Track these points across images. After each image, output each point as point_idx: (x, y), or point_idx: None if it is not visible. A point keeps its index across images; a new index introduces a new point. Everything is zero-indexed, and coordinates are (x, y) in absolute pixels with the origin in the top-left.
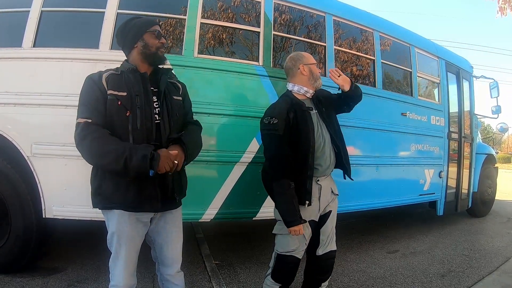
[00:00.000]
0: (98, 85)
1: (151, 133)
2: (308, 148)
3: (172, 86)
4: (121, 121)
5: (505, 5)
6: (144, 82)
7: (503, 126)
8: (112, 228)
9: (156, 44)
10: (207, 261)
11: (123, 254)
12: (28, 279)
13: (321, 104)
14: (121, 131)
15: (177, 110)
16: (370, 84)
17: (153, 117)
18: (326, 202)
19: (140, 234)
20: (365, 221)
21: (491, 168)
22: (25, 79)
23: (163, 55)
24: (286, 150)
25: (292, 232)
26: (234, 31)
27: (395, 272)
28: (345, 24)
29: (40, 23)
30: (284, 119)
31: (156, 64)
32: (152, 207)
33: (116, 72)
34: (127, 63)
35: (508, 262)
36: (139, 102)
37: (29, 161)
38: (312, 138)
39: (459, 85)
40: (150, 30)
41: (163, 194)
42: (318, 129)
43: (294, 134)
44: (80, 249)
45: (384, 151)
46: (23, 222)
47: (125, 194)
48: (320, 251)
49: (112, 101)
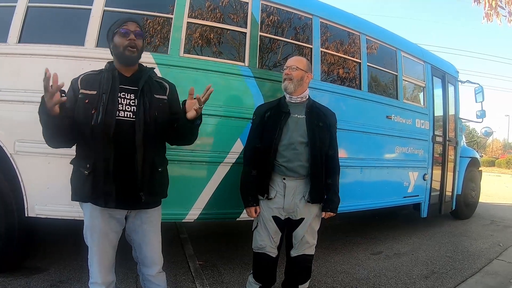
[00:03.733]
0: (74, 86)
1: (109, 128)
2: (270, 144)
3: (156, 85)
4: (86, 118)
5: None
6: (114, 81)
7: (488, 130)
8: (85, 221)
9: (123, 43)
10: (190, 261)
11: (95, 248)
12: (11, 279)
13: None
14: (84, 127)
15: (157, 108)
16: (355, 86)
17: (115, 113)
18: (294, 205)
19: (114, 230)
20: (349, 223)
21: (475, 171)
22: (9, 75)
23: (132, 54)
24: (256, 143)
25: (247, 212)
26: (221, 31)
27: (378, 274)
28: (332, 27)
29: (26, 19)
30: (260, 116)
31: (128, 64)
32: (106, 203)
33: (95, 72)
34: (110, 64)
35: (491, 263)
36: (104, 100)
37: (12, 158)
38: (275, 136)
39: (445, 89)
40: (119, 29)
41: (122, 191)
42: (288, 130)
43: (264, 130)
44: (63, 249)
45: (369, 153)
46: (5, 221)
47: (83, 188)
48: (293, 252)
49: (81, 99)
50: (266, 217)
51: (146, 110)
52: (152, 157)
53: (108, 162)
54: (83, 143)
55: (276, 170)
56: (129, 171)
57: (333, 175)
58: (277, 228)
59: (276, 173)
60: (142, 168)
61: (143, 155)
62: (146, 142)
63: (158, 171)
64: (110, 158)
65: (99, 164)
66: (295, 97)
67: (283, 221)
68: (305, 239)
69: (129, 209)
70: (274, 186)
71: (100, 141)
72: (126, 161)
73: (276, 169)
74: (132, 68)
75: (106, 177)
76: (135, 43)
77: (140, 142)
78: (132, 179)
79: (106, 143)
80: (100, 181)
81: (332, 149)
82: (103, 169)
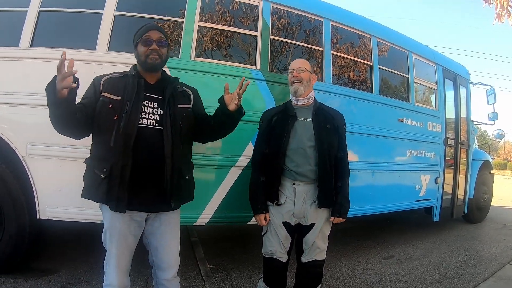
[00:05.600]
0: (95, 84)
1: (130, 136)
2: (278, 149)
3: (180, 95)
4: (108, 123)
5: (503, 12)
6: (139, 89)
7: (500, 132)
8: (105, 224)
9: (145, 52)
10: (201, 265)
11: (114, 251)
12: (21, 280)
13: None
14: (106, 133)
15: (181, 118)
16: (367, 89)
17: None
18: (305, 210)
19: (133, 233)
20: (360, 227)
21: (487, 174)
22: (21, 79)
23: (154, 61)
24: (263, 148)
25: (257, 220)
26: (232, 34)
27: (390, 278)
28: (343, 29)
29: (38, 23)
30: (267, 121)
31: (151, 70)
32: (116, 207)
33: (119, 75)
34: (134, 68)
35: (503, 268)
36: (128, 107)
37: (24, 161)
38: (283, 141)
39: (456, 92)
40: (141, 38)
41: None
42: (296, 134)
43: (271, 135)
44: (73, 250)
45: (380, 156)
46: (16, 223)
47: (96, 190)
48: (304, 258)
49: (103, 103)
50: (276, 223)
51: (172, 120)
52: (179, 166)
53: (125, 168)
54: (102, 146)
55: (285, 175)
56: (153, 177)
57: (343, 178)
58: (287, 233)
59: (286, 177)
60: (171, 178)
61: (172, 166)
62: (174, 153)
63: (186, 179)
64: (127, 165)
65: (115, 169)
66: (301, 99)
67: (293, 227)
68: (316, 244)
69: (150, 212)
70: (283, 191)
71: (120, 148)
72: (148, 166)
73: (286, 174)
74: (155, 75)
75: (121, 183)
76: (157, 52)
77: (169, 154)
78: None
79: (125, 151)
80: (114, 187)
81: (341, 151)
82: (119, 175)
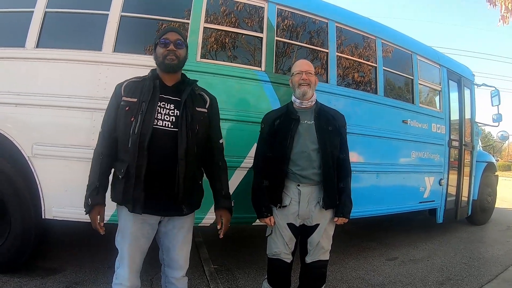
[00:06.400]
0: (117, 92)
1: (145, 137)
2: (282, 153)
3: (198, 98)
4: (125, 125)
5: (507, 13)
6: (155, 90)
7: (504, 134)
8: (119, 225)
9: (163, 53)
10: (205, 265)
11: (126, 251)
12: (27, 280)
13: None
14: (124, 135)
15: (198, 121)
16: (371, 91)
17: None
18: (309, 211)
19: (146, 235)
20: (364, 228)
21: (491, 176)
22: (27, 80)
23: (171, 62)
24: (266, 152)
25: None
26: (237, 36)
27: (394, 280)
28: (347, 31)
29: (44, 24)
30: (269, 124)
31: (169, 71)
32: (133, 209)
33: (138, 79)
34: (152, 72)
35: (507, 270)
36: (143, 108)
37: (30, 161)
38: (287, 145)
39: (460, 93)
40: (160, 40)
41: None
42: (300, 138)
43: (274, 138)
44: (78, 250)
45: (385, 158)
46: (22, 222)
47: (115, 190)
48: (308, 259)
49: (122, 107)
50: (281, 224)
51: (189, 123)
52: (194, 170)
53: (141, 169)
54: (122, 148)
55: (289, 178)
56: (166, 179)
57: (345, 179)
58: (292, 235)
59: (290, 180)
60: (184, 182)
61: (185, 169)
62: (188, 156)
63: (199, 184)
64: (143, 165)
65: (131, 170)
66: (306, 101)
67: (297, 228)
68: (321, 244)
69: (163, 216)
70: (288, 193)
71: (136, 149)
72: (162, 168)
73: (290, 177)
74: (174, 77)
75: (137, 184)
76: (174, 53)
77: (183, 156)
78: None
79: (140, 151)
80: (130, 187)
81: (343, 152)
82: (135, 175)
